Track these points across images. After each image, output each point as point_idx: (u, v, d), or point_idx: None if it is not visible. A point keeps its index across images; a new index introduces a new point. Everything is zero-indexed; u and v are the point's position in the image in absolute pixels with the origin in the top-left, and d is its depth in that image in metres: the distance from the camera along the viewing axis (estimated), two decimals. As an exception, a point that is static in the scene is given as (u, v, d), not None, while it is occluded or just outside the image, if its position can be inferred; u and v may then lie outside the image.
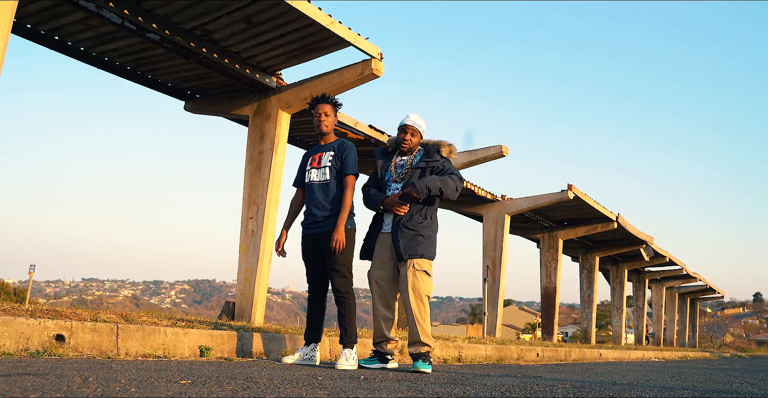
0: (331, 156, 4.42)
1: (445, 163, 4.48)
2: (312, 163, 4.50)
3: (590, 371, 5.86)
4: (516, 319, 70.38)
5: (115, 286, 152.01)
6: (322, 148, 4.52)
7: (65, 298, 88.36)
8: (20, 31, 7.86)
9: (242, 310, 8.46)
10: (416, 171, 4.46)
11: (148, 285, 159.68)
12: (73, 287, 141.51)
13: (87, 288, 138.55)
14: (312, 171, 4.47)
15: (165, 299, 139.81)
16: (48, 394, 1.68)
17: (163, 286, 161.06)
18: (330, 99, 4.57)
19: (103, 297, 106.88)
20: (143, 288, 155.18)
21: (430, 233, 4.43)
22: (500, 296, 14.81)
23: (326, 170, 4.39)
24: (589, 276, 20.59)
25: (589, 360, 11.08)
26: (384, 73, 8.36)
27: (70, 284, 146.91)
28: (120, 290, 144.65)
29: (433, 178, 4.30)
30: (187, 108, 9.89)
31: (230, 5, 7.12)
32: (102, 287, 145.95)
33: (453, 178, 4.38)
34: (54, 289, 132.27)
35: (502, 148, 11.49)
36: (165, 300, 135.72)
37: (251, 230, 8.74)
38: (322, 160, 4.44)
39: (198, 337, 4.57)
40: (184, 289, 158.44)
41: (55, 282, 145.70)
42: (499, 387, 3.03)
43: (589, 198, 15.38)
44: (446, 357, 6.91)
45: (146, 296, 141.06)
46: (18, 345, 3.57)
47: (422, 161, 4.48)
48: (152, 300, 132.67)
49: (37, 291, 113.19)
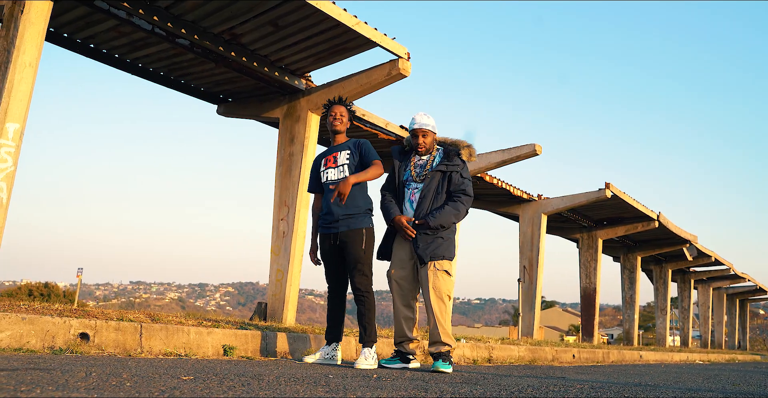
0: (348, 154, 4.42)
1: (463, 171, 4.47)
2: (327, 163, 4.49)
3: (622, 372, 5.71)
4: (559, 321, 69.37)
5: (161, 289, 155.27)
6: (335, 149, 4.51)
7: (114, 301, 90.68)
8: (58, 40, 8.10)
9: (274, 311, 8.53)
10: (437, 174, 4.44)
11: (193, 288, 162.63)
12: (121, 290, 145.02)
13: (134, 291, 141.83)
14: (329, 171, 4.46)
15: (210, 301, 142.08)
16: (42, 387, 1.71)
17: (208, 289, 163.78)
18: (345, 102, 4.61)
19: (150, 300, 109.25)
20: (189, 291, 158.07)
21: (450, 235, 4.43)
22: (537, 297, 14.60)
23: (344, 168, 4.39)
24: (631, 276, 20.13)
25: (628, 362, 10.83)
26: (412, 73, 8.35)
27: (118, 287, 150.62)
28: (166, 293, 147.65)
29: (447, 214, 4.33)
30: (219, 111, 10.04)
31: (256, 9, 7.20)
32: (149, 290, 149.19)
33: (464, 200, 4.40)
34: (103, 292, 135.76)
35: (535, 147, 11.33)
36: (210, 303, 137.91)
37: (282, 231, 8.81)
38: (339, 159, 4.43)
39: (221, 337, 4.62)
40: (228, 292, 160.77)
41: (104, 285, 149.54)
42: (512, 387, 2.98)
43: (627, 196, 15.05)
44: (476, 357, 6.84)
45: (192, 298, 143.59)
46: (44, 342, 3.66)
47: (443, 164, 4.45)
48: (197, 302, 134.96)
49: (87, 293, 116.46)
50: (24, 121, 5.94)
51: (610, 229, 17.36)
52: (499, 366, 5.98)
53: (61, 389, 1.69)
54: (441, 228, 4.33)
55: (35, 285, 31.70)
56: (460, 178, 4.42)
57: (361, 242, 4.27)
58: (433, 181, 4.41)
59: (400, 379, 3.10)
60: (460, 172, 4.43)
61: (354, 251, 4.26)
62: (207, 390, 1.92)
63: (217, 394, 1.85)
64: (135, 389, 1.81)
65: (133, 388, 1.82)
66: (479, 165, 11.84)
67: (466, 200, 4.41)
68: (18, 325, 3.60)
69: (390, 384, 2.69)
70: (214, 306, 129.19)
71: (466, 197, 4.42)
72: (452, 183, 4.41)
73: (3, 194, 5.77)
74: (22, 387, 1.67)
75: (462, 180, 4.43)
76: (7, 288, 36.95)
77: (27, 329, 3.63)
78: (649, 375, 5.19)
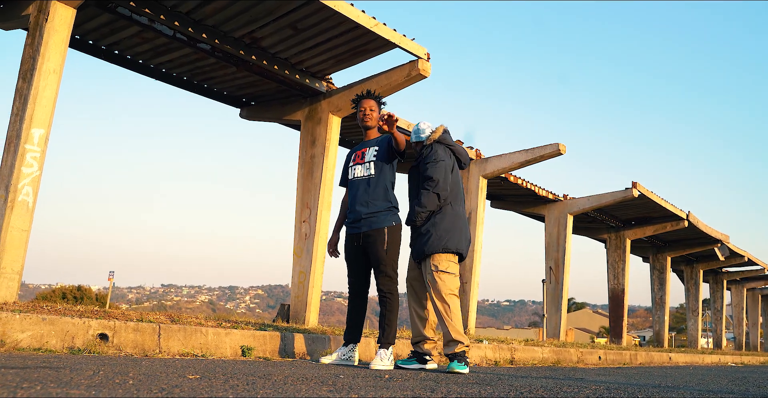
0: (375, 150, 4.35)
1: (427, 157, 4.42)
2: (356, 159, 4.45)
3: (645, 374, 5.62)
4: (589, 322, 68.46)
5: (192, 292, 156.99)
6: (365, 144, 4.47)
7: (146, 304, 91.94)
8: (84, 47, 8.26)
9: (297, 313, 8.56)
10: (414, 170, 4.57)
11: (223, 291, 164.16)
12: (153, 293, 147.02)
13: (166, 294, 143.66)
14: (356, 167, 4.41)
15: (240, 304, 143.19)
16: (44, 384, 1.74)
17: (238, 292, 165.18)
18: (374, 95, 4.52)
19: (181, 303, 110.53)
20: (219, 294, 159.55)
21: (429, 227, 4.31)
22: (564, 298, 14.44)
23: (370, 165, 4.33)
24: (661, 277, 19.79)
25: (656, 364, 10.64)
26: (433, 73, 8.33)
27: (150, 290, 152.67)
28: (197, 296, 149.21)
29: (412, 211, 4.34)
30: (242, 115, 10.13)
31: (275, 12, 7.25)
32: (180, 293, 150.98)
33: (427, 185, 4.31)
34: (136, 295, 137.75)
35: (559, 146, 11.21)
36: (240, 306, 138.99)
37: (304, 233, 8.85)
38: (366, 155, 4.38)
39: (240, 338, 4.65)
40: (258, 294, 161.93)
41: (137, 288, 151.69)
42: (524, 387, 2.94)
43: (655, 195, 14.80)
44: (498, 359, 6.78)
45: (222, 301, 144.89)
46: (63, 342, 3.73)
47: (415, 160, 4.56)
48: (228, 305, 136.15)
49: (120, 296, 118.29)
50: (49, 127, 6.06)
51: (639, 229, 17.09)
52: (520, 368, 5.92)
53: (62, 386, 1.71)
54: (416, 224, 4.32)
55: (69, 289, 32.25)
56: (424, 165, 4.40)
57: (383, 242, 4.19)
58: (411, 180, 4.58)
59: (412, 380, 3.09)
60: (424, 158, 4.43)
61: (376, 251, 4.20)
62: (209, 389, 1.94)
63: (217, 392, 1.86)
64: (136, 387, 1.83)
65: (134, 386, 1.84)
66: (502, 165, 11.77)
67: (430, 185, 4.31)
68: (38, 326, 3.67)
69: (398, 385, 2.68)
70: (244, 308, 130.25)
71: (430, 182, 4.31)
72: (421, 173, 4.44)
73: (29, 198, 5.89)
74: (24, 384, 1.70)
75: (425, 166, 4.38)
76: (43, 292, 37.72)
77: (47, 329, 3.70)
78: (672, 377, 5.09)
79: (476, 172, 11.96)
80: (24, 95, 6.07)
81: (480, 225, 11.87)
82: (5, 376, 1.88)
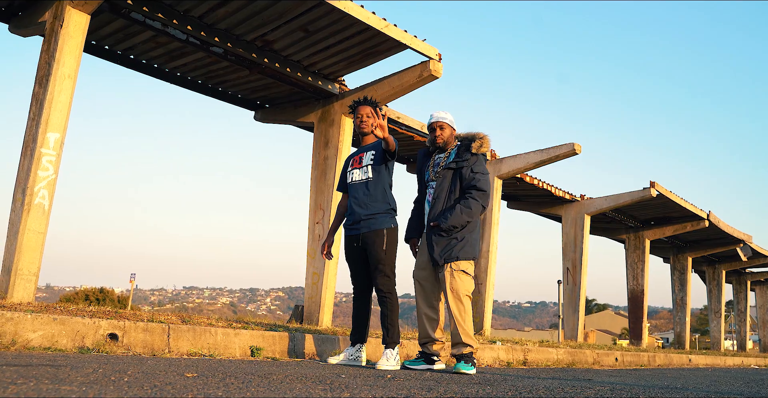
0: (373, 154, 4.43)
1: (474, 166, 4.37)
2: (353, 164, 4.54)
3: (659, 376, 5.56)
4: (611, 324, 67.81)
5: (213, 294, 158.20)
6: (362, 149, 4.55)
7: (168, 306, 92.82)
8: (100, 52, 8.38)
9: (310, 314, 8.60)
10: (449, 172, 4.42)
11: (244, 293, 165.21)
12: (175, 295, 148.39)
13: (187, 296, 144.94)
14: (354, 171, 4.50)
15: (261, 306, 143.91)
16: (38, 380, 1.78)
17: (259, 293, 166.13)
18: (370, 101, 4.57)
19: (203, 305, 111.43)
20: (240, 296, 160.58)
21: (467, 234, 4.33)
22: (581, 299, 14.32)
23: (368, 168, 4.41)
24: (681, 278, 19.55)
25: (675, 366, 10.51)
26: (445, 74, 8.33)
27: (172, 292, 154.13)
28: (218, 298, 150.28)
29: (458, 214, 4.25)
30: (256, 118, 10.21)
31: (286, 15, 7.30)
32: (201, 295, 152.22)
33: (476, 196, 4.29)
34: (158, 297, 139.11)
35: (574, 146, 11.14)
36: (261, 307, 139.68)
37: (318, 235, 8.89)
38: (364, 160, 4.46)
39: (249, 338, 4.68)
40: (278, 296, 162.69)
41: (159, 290, 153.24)
42: (525, 388, 2.93)
43: (674, 195, 14.63)
44: (510, 360, 6.76)
45: (243, 303, 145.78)
46: (74, 342, 3.79)
47: (453, 161, 4.42)
48: (249, 307, 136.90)
49: (143, 298, 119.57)
50: (64, 131, 6.16)
51: (658, 229, 16.90)
52: (532, 369, 5.89)
53: (55, 383, 1.75)
54: (454, 228, 4.27)
55: (91, 291, 32.72)
56: (471, 173, 4.34)
57: (382, 243, 4.27)
58: (444, 180, 4.40)
59: (414, 380, 3.09)
60: (471, 166, 4.37)
61: (375, 252, 4.27)
62: (202, 387, 1.96)
63: (208, 390, 1.89)
64: (128, 384, 1.86)
65: (127, 383, 1.88)
66: (517, 165, 11.72)
67: (479, 195, 4.30)
68: (49, 325, 3.74)
69: (397, 384, 2.68)
70: (264, 310, 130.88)
71: (479, 192, 4.31)
72: (463, 179, 4.37)
73: (45, 201, 6.00)
74: (19, 381, 1.74)
75: (473, 175, 4.34)
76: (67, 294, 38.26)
77: (58, 329, 3.77)
78: (685, 378, 5.04)
79: (491, 172, 11.92)
80: (40, 100, 6.18)
81: (495, 226, 11.83)
82: (4, 373, 1.93)
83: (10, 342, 3.44)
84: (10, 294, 5.68)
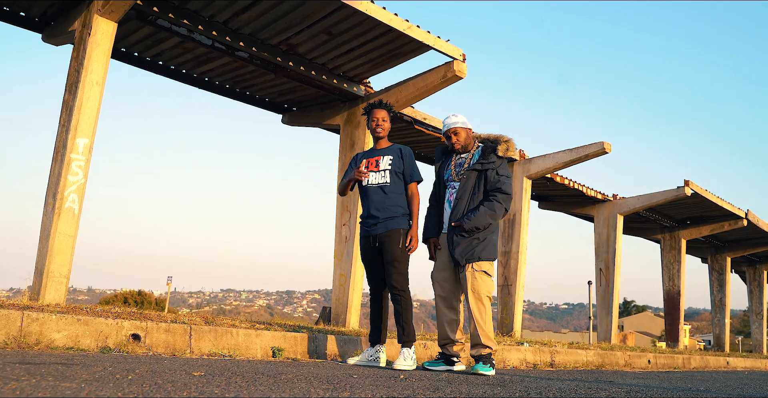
0: (391, 159, 4.45)
1: (499, 168, 4.39)
2: (369, 166, 4.53)
3: (687, 378, 5.44)
4: (651, 326, 66.45)
5: (250, 296, 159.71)
6: (378, 152, 4.54)
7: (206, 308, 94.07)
8: (130, 59, 8.56)
9: (337, 315, 8.64)
10: (473, 173, 4.40)
11: (281, 295, 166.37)
12: (212, 297, 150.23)
13: (225, 299, 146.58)
14: (370, 174, 4.49)
15: (297, 308, 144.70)
16: (42, 376, 1.83)
17: (295, 296, 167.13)
18: (385, 104, 4.62)
19: (240, 307, 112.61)
20: (277, 298, 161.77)
21: (488, 235, 4.35)
22: (615, 300, 14.09)
23: (386, 173, 4.42)
24: (720, 278, 19.08)
25: (711, 368, 10.26)
26: (470, 74, 8.30)
27: (209, 295, 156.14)
28: (255, 300, 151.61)
29: (482, 215, 4.27)
30: (284, 121, 10.30)
31: (309, 18, 7.35)
32: (239, 297, 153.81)
33: (500, 198, 4.33)
34: (196, 300, 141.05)
35: (604, 145, 10.97)
36: (297, 310, 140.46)
37: (345, 236, 8.92)
38: (381, 164, 4.46)
39: (270, 339, 4.73)
40: (314, 298, 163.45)
41: (197, 293, 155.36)
42: (537, 389, 2.90)
43: (710, 194, 14.29)
44: (537, 362, 6.68)
45: (279, 306, 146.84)
46: (97, 342, 3.87)
47: (478, 163, 4.41)
48: (285, 309, 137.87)
49: (181, 301, 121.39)
50: (92, 136, 6.31)
51: (694, 229, 16.53)
52: (557, 371, 5.82)
53: (57, 379, 1.80)
54: (477, 230, 4.27)
55: (130, 293, 33.39)
56: (496, 176, 4.35)
57: (398, 241, 4.30)
58: (468, 180, 4.38)
59: (426, 380, 3.08)
60: (496, 169, 4.37)
61: (391, 249, 4.29)
62: (202, 385, 1.99)
63: (207, 387, 1.91)
64: (129, 382, 1.90)
65: (129, 381, 1.91)
66: (546, 165, 11.59)
67: (503, 198, 4.33)
68: (73, 326, 3.83)
69: (405, 384, 2.68)
70: (301, 312, 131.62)
71: (503, 195, 4.34)
72: (488, 181, 4.36)
73: (75, 205, 6.15)
74: (23, 377, 1.79)
75: (498, 177, 4.35)
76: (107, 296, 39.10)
77: (82, 330, 3.86)
78: (713, 381, 4.92)
79: (520, 172, 11.82)
80: (70, 107, 6.34)
81: (525, 226, 11.72)
82: (13, 370, 1.98)
83: (34, 341, 3.54)
84: (42, 296, 5.83)
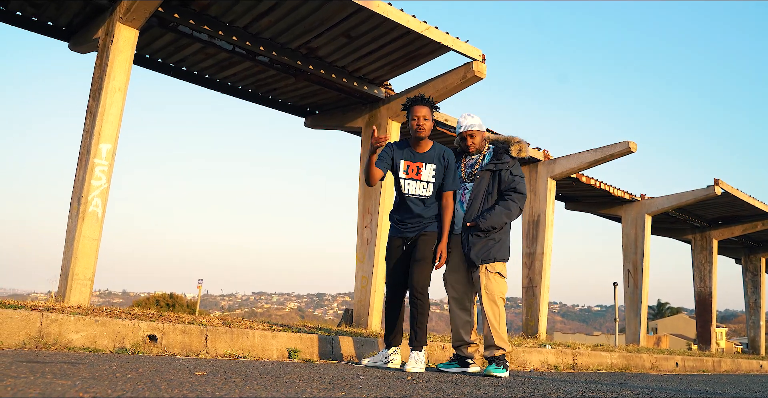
0: (434, 170, 4.28)
1: (513, 169, 4.38)
2: (410, 172, 4.32)
3: (712, 381, 5.33)
4: (686, 329, 65.09)
5: (281, 299, 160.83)
6: (421, 158, 4.32)
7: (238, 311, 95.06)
8: (154, 65, 8.72)
9: (359, 317, 8.67)
10: (486, 173, 4.38)
11: (312, 298, 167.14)
12: (244, 300, 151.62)
13: (256, 301, 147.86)
14: (411, 183, 4.31)
15: (328, 311, 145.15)
16: (42, 373, 1.88)
17: (326, 298, 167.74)
18: (428, 100, 4.33)
19: (271, 310, 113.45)
20: (307, 301, 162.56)
21: (502, 235, 4.33)
22: (643, 302, 13.87)
23: (429, 186, 4.27)
24: (754, 279, 18.65)
25: (743, 372, 10.03)
26: (490, 75, 8.28)
27: (241, 297, 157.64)
28: (286, 303, 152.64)
29: (498, 215, 4.25)
30: (306, 124, 10.38)
31: (327, 22, 7.40)
32: (270, 300, 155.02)
33: (515, 198, 4.31)
34: (228, 302, 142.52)
35: (629, 144, 10.81)
36: (328, 312, 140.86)
37: (366, 238, 8.95)
38: (423, 173, 4.29)
39: (286, 340, 4.76)
40: (345, 301, 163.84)
41: (229, 296, 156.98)
42: (544, 391, 2.87)
43: (741, 193, 13.98)
44: (558, 364, 6.62)
45: (310, 308, 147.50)
46: (114, 343, 3.95)
47: (492, 163, 4.39)
48: (316, 312, 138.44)
49: (213, 304, 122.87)
50: (115, 142, 6.44)
51: (726, 229, 16.19)
52: (577, 373, 5.75)
53: (57, 377, 1.84)
54: (492, 229, 4.25)
55: (162, 296, 33.92)
56: (510, 176, 4.33)
57: (432, 243, 4.23)
58: (482, 181, 4.35)
59: (432, 381, 3.08)
60: (510, 169, 4.35)
61: (424, 248, 4.21)
62: (198, 384, 2.02)
63: (201, 387, 1.94)
64: (126, 380, 1.94)
65: (126, 379, 1.95)
66: (571, 165, 11.47)
67: (518, 198, 4.31)
68: (91, 327, 3.91)
69: (408, 385, 2.68)
70: (332, 315, 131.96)
71: (518, 195, 4.32)
72: (502, 181, 4.34)
73: (98, 209, 6.28)
74: (23, 375, 1.84)
75: (512, 177, 4.34)
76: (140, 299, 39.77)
77: (99, 331, 3.94)
78: (736, 384, 4.81)
79: (544, 173, 11.72)
80: (93, 113, 6.48)
81: (549, 227, 11.61)
82: (17, 368, 2.04)
83: (52, 342, 3.62)
84: (66, 298, 5.97)
